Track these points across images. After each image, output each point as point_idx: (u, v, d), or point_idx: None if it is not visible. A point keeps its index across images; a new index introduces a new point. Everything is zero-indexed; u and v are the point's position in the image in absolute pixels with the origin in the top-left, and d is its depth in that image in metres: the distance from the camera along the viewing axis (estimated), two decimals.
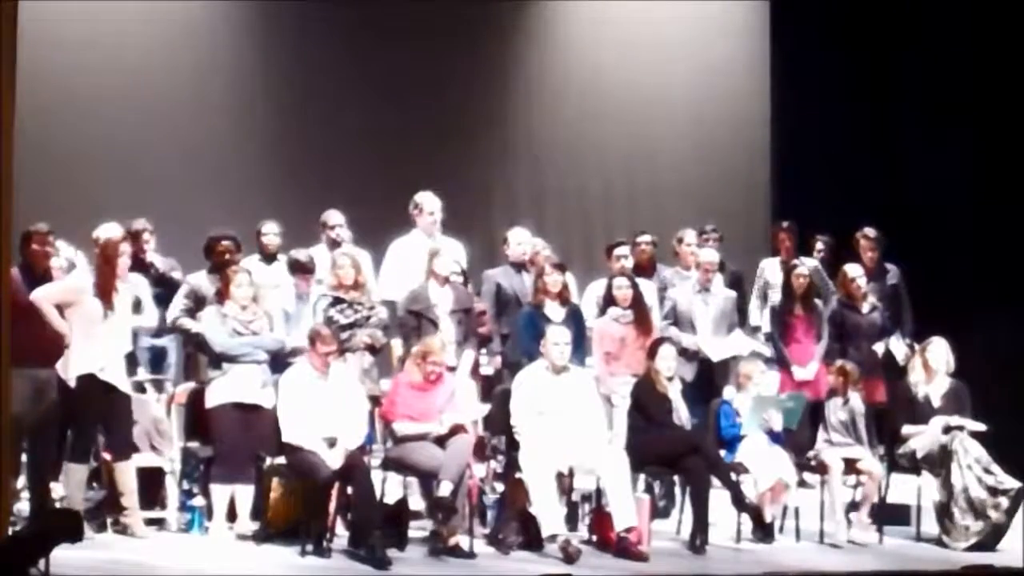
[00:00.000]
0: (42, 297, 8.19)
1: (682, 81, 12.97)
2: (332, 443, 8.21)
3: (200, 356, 8.97)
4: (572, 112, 12.73)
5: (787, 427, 9.04)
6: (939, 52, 11.69)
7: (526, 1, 12.81)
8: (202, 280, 9.19)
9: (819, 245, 11.20)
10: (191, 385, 8.99)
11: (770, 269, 10.97)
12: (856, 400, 9.34)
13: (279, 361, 8.76)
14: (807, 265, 10.45)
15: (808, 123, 12.40)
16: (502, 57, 12.64)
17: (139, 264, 9.57)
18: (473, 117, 12.34)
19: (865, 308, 10.20)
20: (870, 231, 10.75)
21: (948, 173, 11.35)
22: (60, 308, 8.25)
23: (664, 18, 12.94)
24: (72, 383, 8.22)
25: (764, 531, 8.90)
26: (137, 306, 9.01)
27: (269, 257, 9.79)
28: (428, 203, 9.92)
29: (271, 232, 9.84)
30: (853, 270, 10.30)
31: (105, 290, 8.34)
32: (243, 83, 11.81)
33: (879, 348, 10.17)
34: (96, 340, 8.26)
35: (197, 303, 8.99)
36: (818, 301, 10.23)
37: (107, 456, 8.44)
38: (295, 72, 11.85)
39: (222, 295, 8.76)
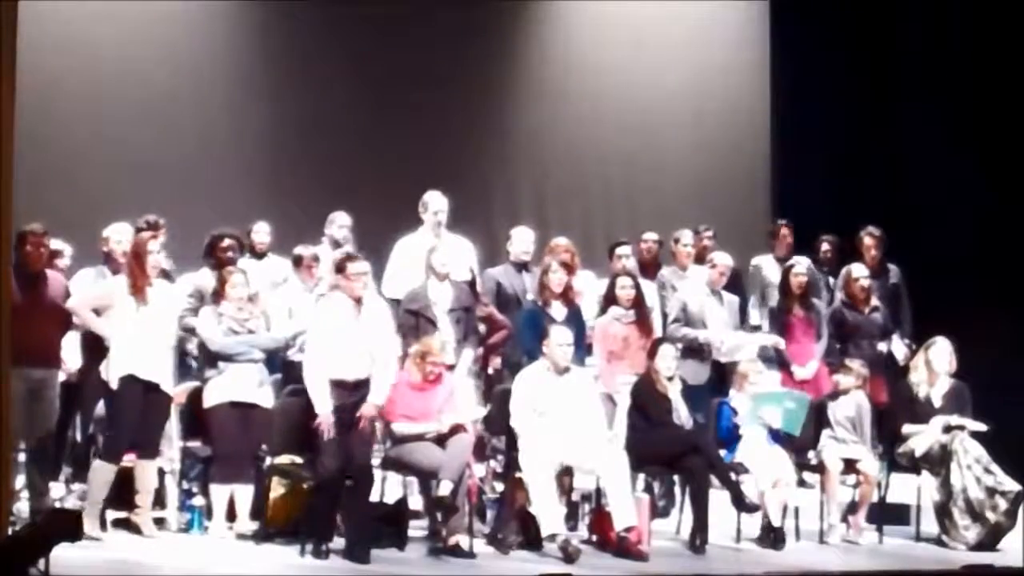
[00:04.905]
0: (79, 304, 8.23)
1: (682, 81, 12.97)
2: (357, 385, 8.15)
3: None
4: (572, 112, 12.73)
5: (788, 432, 9.01)
6: (939, 51, 11.68)
7: (526, 1, 12.81)
8: (206, 279, 9.20)
9: (824, 246, 11.18)
10: (190, 385, 8.97)
11: (768, 267, 10.95)
12: (863, 398, 9.33)
13: (277, 360, 8.74)
14: (804, 264, 10.44)
15: (808, 123, 12.40)
16: (502, 57, 12.64)
17: None
18: (473, 117, 12.33)
19: (867, 308, 10.19)
20: (875, 230, 10.74)
21: (948, 173, 11.34)
22: (97, 311, 8.27)
23: (664, 18, 12.94)
24: (114, 384, 8.22)
25: (775, 536, 8.82)
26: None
27: (259, 255, 9.97)
28: (433, 202, 9.93)
29: (262, 231, 10.09)
30: (858, 270, 10.28)
31: (138, 288, 8.30)
32: (243, 83, 11.81)
33: (883, 347, 10.17)
34: (134, 339, 8.25)
35: (202, 302, 8.99)
36: (816, 300, 10.22)
37: (132, 455, 8.36)
38: (295, 72, 11.85)
39: (218, 295, 8.76)
